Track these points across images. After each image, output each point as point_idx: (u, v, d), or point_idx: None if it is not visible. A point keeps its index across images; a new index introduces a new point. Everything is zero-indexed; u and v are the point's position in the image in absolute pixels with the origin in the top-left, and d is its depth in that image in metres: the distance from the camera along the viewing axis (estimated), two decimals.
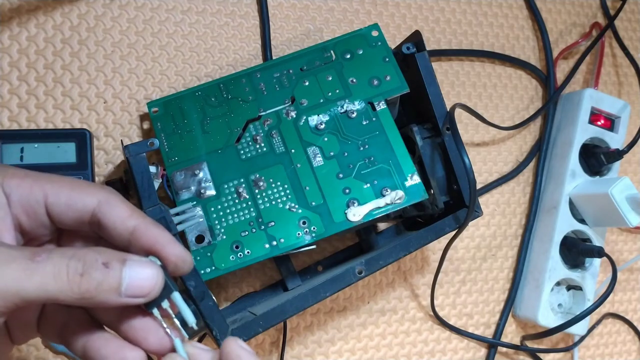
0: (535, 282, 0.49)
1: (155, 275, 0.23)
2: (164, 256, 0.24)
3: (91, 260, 0.22)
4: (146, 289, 0.23)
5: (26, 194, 0.23)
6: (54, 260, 0.21)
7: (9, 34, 0.40)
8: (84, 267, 0.21)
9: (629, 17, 0.59)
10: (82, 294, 0.21)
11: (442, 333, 0.48)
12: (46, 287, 0.21)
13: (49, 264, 0.21)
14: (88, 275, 0.21)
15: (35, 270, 0.21)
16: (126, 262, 0.22)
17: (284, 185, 0.38)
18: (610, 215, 0.47)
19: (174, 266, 0.24)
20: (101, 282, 0.22)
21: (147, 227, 0.24)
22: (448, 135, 0.39)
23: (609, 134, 0.51)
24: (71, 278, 0.21)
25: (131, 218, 0.24)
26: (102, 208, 0.24)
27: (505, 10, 0.54)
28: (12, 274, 0.20)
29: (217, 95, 0.40)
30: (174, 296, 0.24)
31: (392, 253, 0.37)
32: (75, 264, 0.21)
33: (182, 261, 0.25)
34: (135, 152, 0.34)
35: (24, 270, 0.21)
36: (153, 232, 0.24)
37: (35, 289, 0.21)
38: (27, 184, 0.23)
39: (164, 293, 0.24)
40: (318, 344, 0.44)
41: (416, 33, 0.40)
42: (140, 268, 0.23)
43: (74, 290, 0.21)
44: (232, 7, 0.46)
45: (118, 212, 0.24)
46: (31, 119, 0.40)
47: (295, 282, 0.42)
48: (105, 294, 0.22)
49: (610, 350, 0.54)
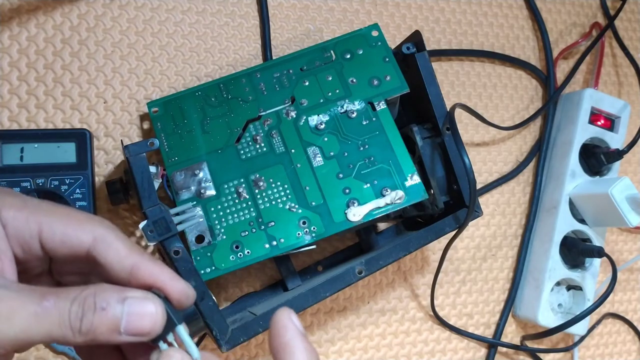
0: (535, 282, 0.49)
1: (155, 314, 0.22)
2: (167, 293, 0.24)
3: (90, 303, 0.22)
4: (146, 328, 0.22)
5: (21, 227, 0.23)
6: (60, 305, 0.21)
7: (9, 34, 0.40)
8: (83, 311, 0.21)
9: (629, 17, 0.59)
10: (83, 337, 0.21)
11: (442, 333, 0.48)
12: (51, 333, 0.21)
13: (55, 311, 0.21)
14: (86, 319, 0.21)
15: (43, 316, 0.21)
16: (125, 301, 0.22)
17: (284, 185, 0.38)
18: (610, 215, 0.47)
19: (177, 302, 0.24)
20: (99, 325, 0.21)
21: (146, 266, 0.23)
22: (448, 135, 0.39)
23: (609, 134, 0.51)
24: (73, 324, 0.21)
25: (128, 257, 0.23)
26: (98, 246, 0.23)
27: (505, 10, 0.54)
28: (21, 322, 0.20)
29: (217, 95, 0.40)
30: (178, 330, 0.24)
31: (392, 253, 0.37)
32: (76, 309, 0.21)
33: (186, 297, 0.24)
34: (135, 152, 0.34)
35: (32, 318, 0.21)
36: (152, 269, 0.23)
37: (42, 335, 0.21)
38: (23, 216, 0.23)
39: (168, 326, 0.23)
40: (318, 344, 0.44)
41: (416, 33, 0.40)
42: (139, 307, 0.22)
43: (76, 336, 0.21)
44: (232, 7, 0.46)
45: (114, 250, 0.23)
46: (31, 119, 0.40)
47: (295, 282, 0.42)
48: (105, 335, 0.22)
49: (610, 350, 0.54)
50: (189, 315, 0.33)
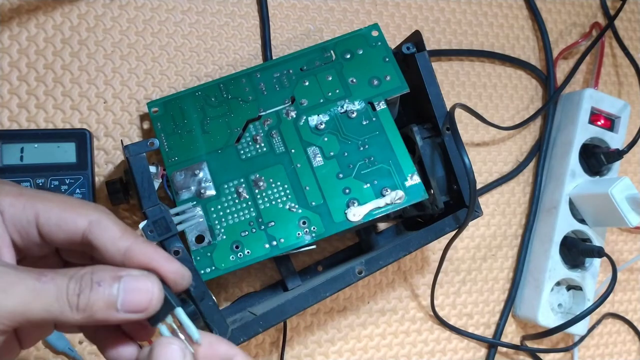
0: (535, 282, 0.49)
1: (151, 290, 0.23)
2: (162, 274, 0.24)
3: (87, 280, 0.22)
4: (143, 304, 0.23)
5: (18, 213, 0.23)
6: (57, 281, 0.22)
7: (9, 34, 0.40)
8: (80, 287, 0.22)
9: (629, 17, 0.59)
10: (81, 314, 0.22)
11: (442, 333, 0.48)
12: (49, 308, 0.21)
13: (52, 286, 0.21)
14: (83, 295, 0.22)
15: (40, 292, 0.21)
16: (121, 279, 0.22)
17: (284, 185, 0.38)
18: (610, 215, 0.47)
19: (172, 283, 0.24)
20: (96, 300, 0.22)
21: (140, 248, 0.24)
22: (448, 135, 0.39)
23: (609, 134, 0.51)
24: (71, 299, 0.22)
25: (122, 239, 0.24)
26: (93, 229, 0.24)
27: (505, 10, 0.54)
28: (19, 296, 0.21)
29: (217, 95, 0.40)
30: (176, 312, 0.24)
31: (392, 253, 0.37)
32: (73, 286, 0.22)
33: (181, 277, 0.24)
34: (135, 152, 0.34)
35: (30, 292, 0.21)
36: (147, 251, 0.24)
37: (40, 310, 0.21)
38: (20, 203, 0.23)
39: (166, 308, 0.24)
40: (318, 344, 0.44)
41: (416, 33, 0.40)
42: (135, 283, 0.23)
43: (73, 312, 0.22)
44: (232, 7, 0.46)
45: (109, 233, 0.24)
46: (31, 119, 0.40)
47: (295, 282, 0.42)
48: (102, 312, 0.22)
49: (610, 350, 0.54)
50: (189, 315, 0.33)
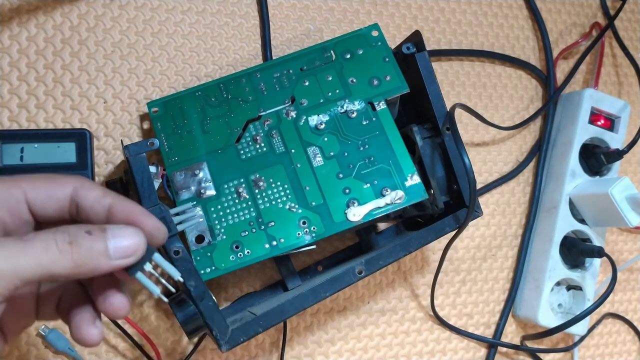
0: (535, 282, 0.49)
1: (137, 234, 0.25)
2: (141, 226, 0.25)
3: (75, 230, 0.23)
4: (132, 247, 0.24)
5: (5, 195, 0.24)
6: (41, 236, 0.23)
7: (9, 34, 0.40)
8: (70, 236, 0.23)
9: (629, 17, 0.59)
10: (75, 261, 0.23)
11: (442, 333, 0.48)
12: (40, 260, 0.22)
13: (37, 240, 0.22)
14: (77, 243, 0.23)
15: (25, 247, 0.22)
16: (107, 229, 0.24)
17: (284, 185, 0.38)
18: (610, 215, 0.47)
19: (149, 235, 0.26)
20: (90, 247, 0.23)
21: (121, 203, 0.25)
22: (448, 135, 0.39)
23: (609, 134, 0.51)
24: (61, 248, 0.23)
25: (105, 197, 0.25)
26: (79, 192, 0.25)
27: (505, 10, 0.54)
28: (6, 254, 0.22)
29: (217, 95, 0.40)
30: (155, 257, 0.26)
31: (392, 253, 0.37)
32: (62, 236, 0.23)
33: (157, 229, 0.26)
34: (135, 152, 0.34)
35: (16, 250, 0.22)
36: (127, 206, 0.25)
37: (31, 265, 0.22)
38: (5, 186, 0.25)
39: (145, 257, 0.25)
40: (318, 344, 0.44)
41: (416, 33, 0.40)
42: (120, 230, 0.24)
43: (67, 259, 0.23)
44: (232, 7, 0.46)
45: (93, 193, 0.25)
46: (31, 119, 0.40)
47: (295, 282, 0.42)
48: (96, 259, 0.23)
49: (610, 350, 0.54)
50: (189, 315, 0.33)
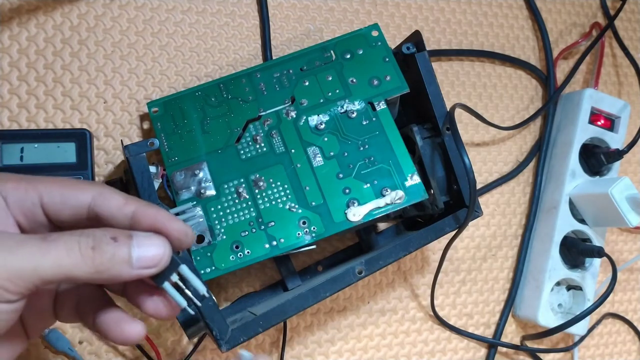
0: (535, 282, 0.49)
1: (163, 244, 0.24)
2: (167, 232, 0.25)
3: (100, 235, 0.23)
4: (156, 259, 0.24)
5: (22, 196, 0.24)
6: (65, 238, 0.22)
7: (9, 34, 0.40)
8: (94, 241, 0.22)
9: (629, 17, 0.59)
10: (96, 267, 0.22)
11: (442, 333, 0.48)
12: (61, 262, 0.22)
13: (60, 242, 0.22)
14: (100, 249, 0.22)
15: (48, 248, 0.22)
16: (133, 237, 0.23)
17: (284, 185, 0.38)
18: (610, 215, 0.47)
19: (177, 241, 0.25)
20: (113, 255, 0.22)
21: (145, 210, 0.25)
22: (448, 135, 0.39)
23: (609, 134, 0.51)
24: (84, 252, 0.22)
25: (127, 205, 0.25)
26: (97, 201, 0.24)
27: (505, 10, 0.54)
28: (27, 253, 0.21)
29: (217, 95, 0.40)
30: (181, 269, 0.25)
31: (392, 253, 0.37)
32: (85, 240, 0.22)
33: (185, 234, 0.25)
34: (135, 152, 0.34)
35: (38, 250, 0.21)
36: (151, 212, 0.25)
37: (51, 265, 0.21)
38: (22, 187, 0.24)
39: (171, 267, 0.24)
40: (318, 344, 0.44)
41: (416, 33, 0.40)
42: (147, 239, 0.24)
43: (88, 264, 0.22)
44: (232, 7, 0.46)
45: (113, 202, 0.24)
46: (31, 119, 0.40)
47: (295, 282, 0.42)
48: (118, 267, 0.23)
49: (610, 350, 0.54)
50: (189, 315, 0.33)
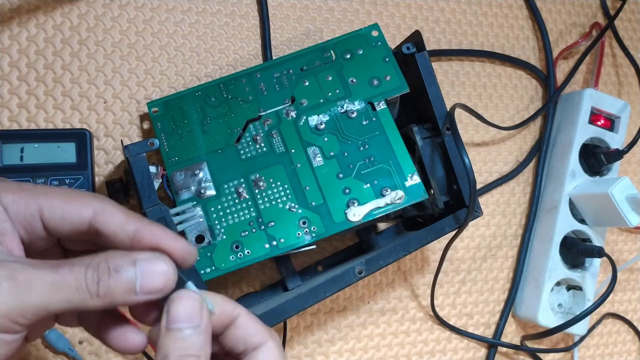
0: (535, 282, 0.49)
1: (167, 271, 0.24)
2: (170, 252, 0.24)
3: (104, 268, 0.23)
4: (160, 285, 0.23)
5: (22, 209, 0.24)
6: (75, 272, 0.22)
7: (9, 34, 0.40)
8: (99, 274, 0.22)
9: (629, 17, 0.59)
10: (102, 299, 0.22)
11: (442, 333, 0.48)
12: (71, 299, 0.22)
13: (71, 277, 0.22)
14: (103, 283, 0.22)
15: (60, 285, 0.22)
16: (137, 263, 0.23)
17: (284, 185, 0.38)
18: (610, 215, 0.47)
19: (181, 260, 0.25)
20: (116, 287, 0.23)
21: (147, 228, 0.24)
22: (448, 135, 0.39)
23: (609, 134, 0.51)
24: (91, 288, 0.22)
25: (129, 222, 0.24)
26: (99, 218, 0.24)
27: (505, 10, 0.54)
28: (41, 290, 0.21)
29: (217, 95, 0.40)
30: (188, 286, 0.24)
31: (392, 253, 0.37)
32: (91, 274, 0.22)
33: (188, 253, 0.25)
34: (135, 152, 0.34)
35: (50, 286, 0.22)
36: (154, 231, 0.24)
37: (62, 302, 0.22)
38: (22, 199, 0.24)
39: (178, 286, 0.24)
40: (318, 344, 0.44)
41: (416, 33, 0.40)
42: (151, 266, 0.23)
43: (94, 298, 0.22)
44: (232, 7, 0.46)
45: (115, 219, 0.24)
46: (31, 119, 0.40)
47: (295, 282, 0.42)
48: (122, 297, 0.23)
49: (610, 350, 0.54)
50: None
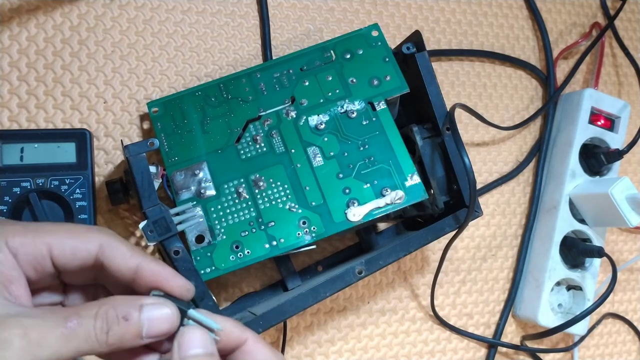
0: (535, 282, 0.49)
1: (171, 316, 0.25)
2: (169, 289, 0.26)
3: (112, 317, 0.23)
4: (165, 329, 0.25)
5: (31, 251, 0.24)
6: (84, 323, 0.23)
7: (9, 34, 0.40)
8: (108, 324, 0.23)
9: (629, 17, 0.59)
10: (109, 347, 0.23)
11: (442, 333, 0.48)
12: (80, 349, 0.23)
13: (80, 330, 0.23)
14: (113, 332, 0.23)
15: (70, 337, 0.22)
16: (143, 309, 0.24)
17: (284, 185, 0.38)
18: (610, 215, 0.47)
19: (179, 296, 0.26)
20: (124, 334, 0.23)
21: (149, 265, 0.25)
22: (448, 135, 0.39)
23: (609, 134, 0.51)
24: (99, 338, 0.23)
25: (133, 257, 0.25)
26: (105, 252, 0.25)
27: (505, 10, 0.54)
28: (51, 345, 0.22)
29: (217, 95, 0.40)
30: (190, 314, 0.25)
31: (392, 253, 0.37)
32: (100, 324, 0.23)
33: (186, 290, 0.26)
34: (135, 152, 0.34)
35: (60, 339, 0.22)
36: (155, 268, 0.26)
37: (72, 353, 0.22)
38: (29, 241, 0.24)
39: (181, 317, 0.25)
40: (318, 344, 0.44)
41: (416, 33, 0.40)
42: (157, 312, 0.24)
43: (103, 347, 0.23)
44: (232, 7, 0.46)
45: (120, 254, 0.25)
46: (31, 119, 0.40)
47: (295, 282, 0.42)
48: (129, 342, 0.24)
49: (610, 350, 0.54)
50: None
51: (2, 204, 0.35)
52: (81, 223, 0.37)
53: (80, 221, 0.37)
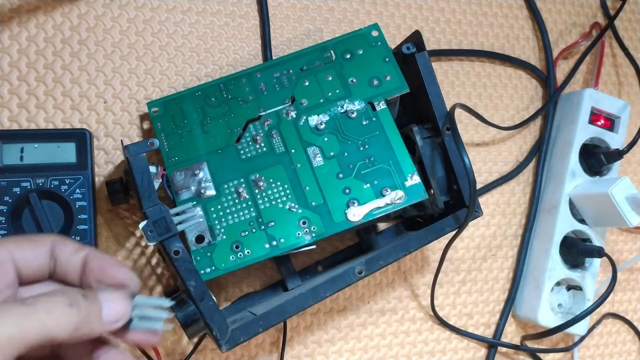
0: (535, 282, 0.49)
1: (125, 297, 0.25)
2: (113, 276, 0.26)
3: (73, 293, 0.24)
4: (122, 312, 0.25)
5: None
6: (43, 299, 0.23)
7: (9, 34, 0.40)
8: (70, 299, 0.23)
9: (629, 17, 0.59)
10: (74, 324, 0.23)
11: (442, 333, 0.48)
12: (44, 325, 0.22)
13: (40, 304, 0.23)
14: (77, 305, 0.23)
15: (30, 312, 0.22)
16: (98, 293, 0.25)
17: (284, 185, 0.38)
18: (610, 215, 0.47)
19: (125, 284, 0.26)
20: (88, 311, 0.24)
21: (95, 255, 0.27)
22: (448, 135, 0.39)
23: (609, 134, 0.51)
24: (63, 310, 0.23)
25: (81, 250, 0.27)
26: (56, 247, 0.26)
27: (505, 10, 0.54)
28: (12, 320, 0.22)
29: (217, 95, 0.40)
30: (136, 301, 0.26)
31: (392, 253, 0.37)
32: (61, 298, 0.23)
33: (130, 279, 0.27)
34: (135, 152, 0.34)
35: (21, 315, 0.22)
36: (101, 258, 0.27)
37: (36, 330, 0.22)
38: None
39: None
40: (318, 344, 0.44)
41: (416, 33, 0.40)
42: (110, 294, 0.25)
43: (68, 322, 0.23)
44: (232, 7, 0.46)
45: (69, 247, 0.27)
46: (31, 119, 0.40)
47: (295, 282, 0.42)
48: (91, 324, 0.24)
49: (610, 350, 0.54)
50: (189, 315, 0.33)
51: (2, 204, 0.35)
52: (81, 223, 0.37)
53: (81, 221, 0.37)
